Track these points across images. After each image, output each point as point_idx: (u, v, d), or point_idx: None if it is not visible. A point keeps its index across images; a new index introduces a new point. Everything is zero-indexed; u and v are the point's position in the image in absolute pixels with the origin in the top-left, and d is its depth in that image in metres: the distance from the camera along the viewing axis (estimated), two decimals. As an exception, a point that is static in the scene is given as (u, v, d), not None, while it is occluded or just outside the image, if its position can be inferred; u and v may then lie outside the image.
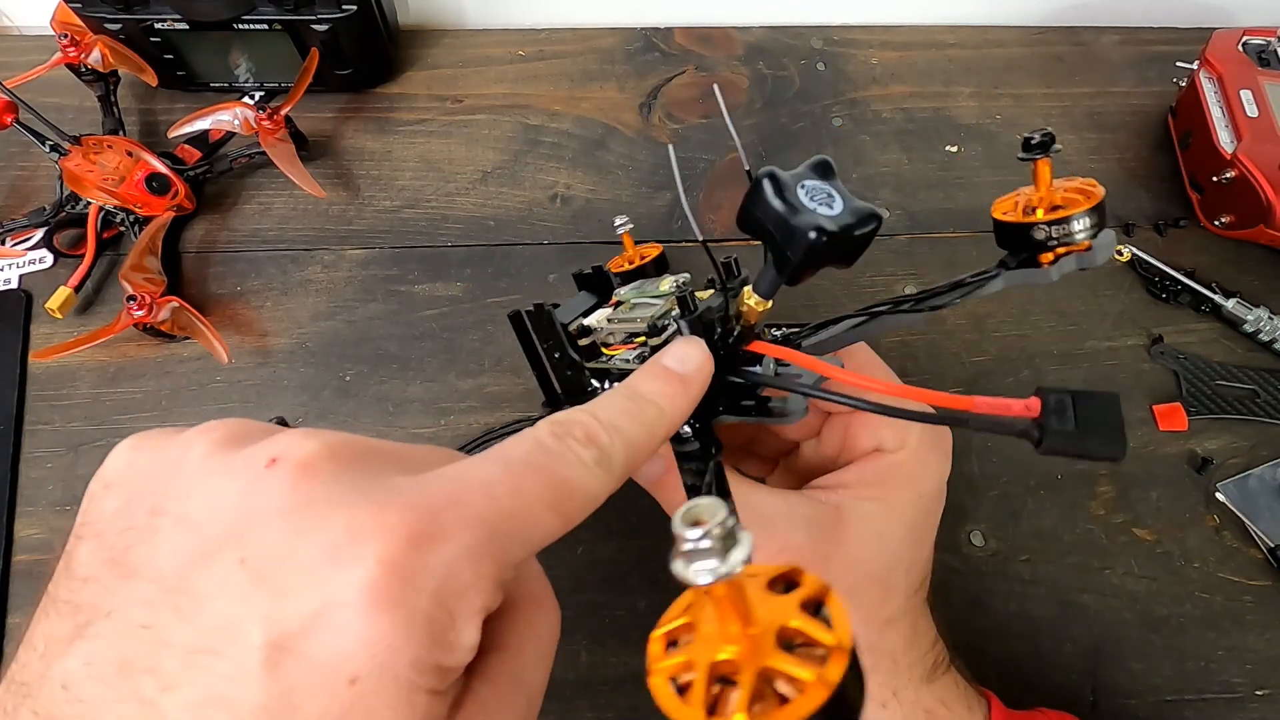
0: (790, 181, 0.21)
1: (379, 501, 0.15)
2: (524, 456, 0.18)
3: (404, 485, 0.16)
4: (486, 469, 0.17)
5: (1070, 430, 0.16)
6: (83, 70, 0.48)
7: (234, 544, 0.15)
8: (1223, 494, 0.42)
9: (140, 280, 0.43)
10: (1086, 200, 0.20)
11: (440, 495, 0.16)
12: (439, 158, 0.53)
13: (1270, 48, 0.51)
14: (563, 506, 0.18)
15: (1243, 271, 0.49)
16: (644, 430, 0.20)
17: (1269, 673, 0.38)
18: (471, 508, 0.16)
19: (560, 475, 0.18)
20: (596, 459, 0.19)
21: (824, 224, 0.20)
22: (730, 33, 0.60)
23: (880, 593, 0.27)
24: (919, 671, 0.28)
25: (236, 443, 0.17)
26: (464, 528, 0.16)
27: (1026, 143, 0.20)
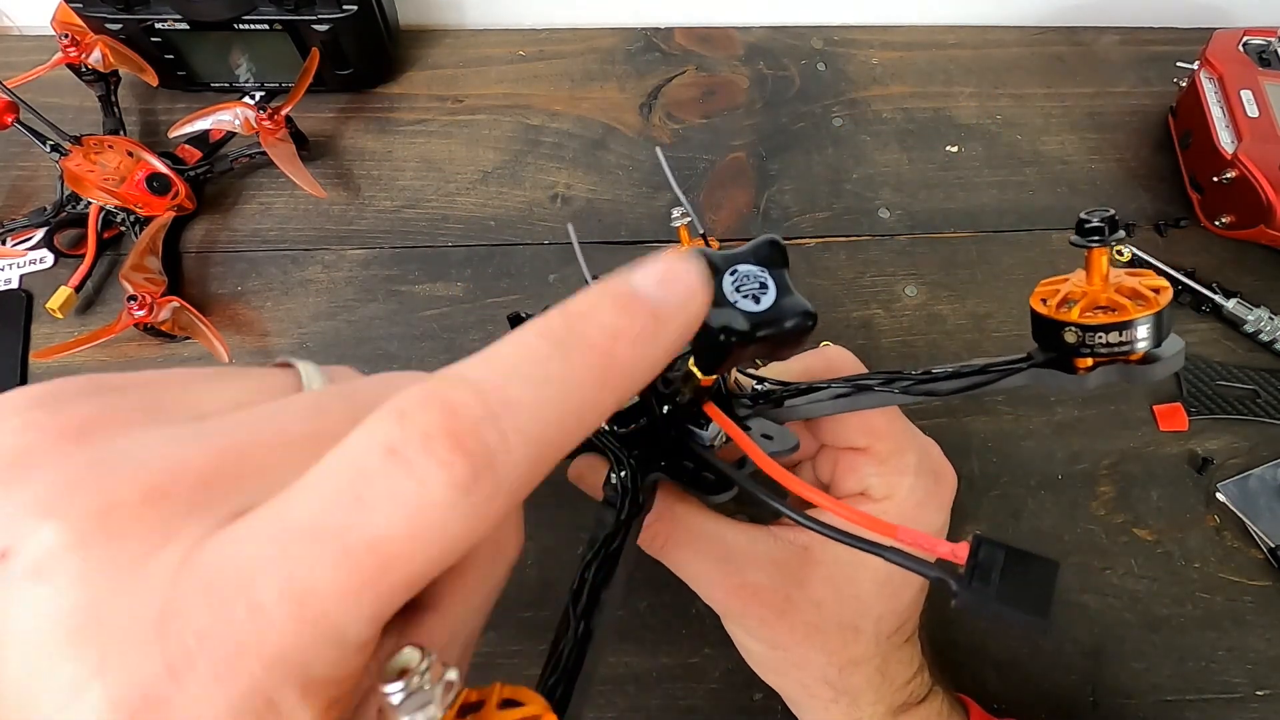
0: (720, 265, 0.19)
1: (108, 642, 0.11)
2: (314, 514, 0.11)
3: (150, 596, 0.11)
4: (255, 549, 0.11)
5: (991, 592, 0.15)
6: (83, 70, 0.48)
7: None
8: (1223, 494, 0.42)
9: (141, 280, 0.43)
10: (1141, 307, 0.17)
11: (186, 621, 0.11)
12: (439, 158, 0.53)
13: (1271, 48, 0.51)
14: (388, 582, 0.11)
15: (1243, 272, 0.49)
16: (568, 406, 0.12)
17: (1269, 673, 0.38)
18: (233, 639, 0.11)
19: (371, 537, 0.11)
20: (459, 483, 0.11)
21: (734, 324, 0.18)
22: (730, 33, 0.60)
23: (845, 635, 0.26)
24: (885, 707, 0.28)
25: (8, 477, 0.12)
26: (225, 679, 0.11)
27: (1081, 225, 0.17)
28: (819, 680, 0.27)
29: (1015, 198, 0.52)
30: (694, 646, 0.38)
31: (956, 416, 0.44)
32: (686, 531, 0.26)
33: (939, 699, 0.30)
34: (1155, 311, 0.17)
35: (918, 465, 0.26)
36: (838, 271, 0.49)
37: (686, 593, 0.27)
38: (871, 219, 0.51)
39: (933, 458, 0.28)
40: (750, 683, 0.30)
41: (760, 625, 0.27)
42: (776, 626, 0.26)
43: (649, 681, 0.37)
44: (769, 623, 0.26)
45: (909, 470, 0.26)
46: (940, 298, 0.48)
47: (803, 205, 0.52)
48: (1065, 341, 0.18)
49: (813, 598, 0.26)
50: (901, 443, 0.27)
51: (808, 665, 0.27)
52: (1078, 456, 0.43)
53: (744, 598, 0.26)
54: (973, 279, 0.49)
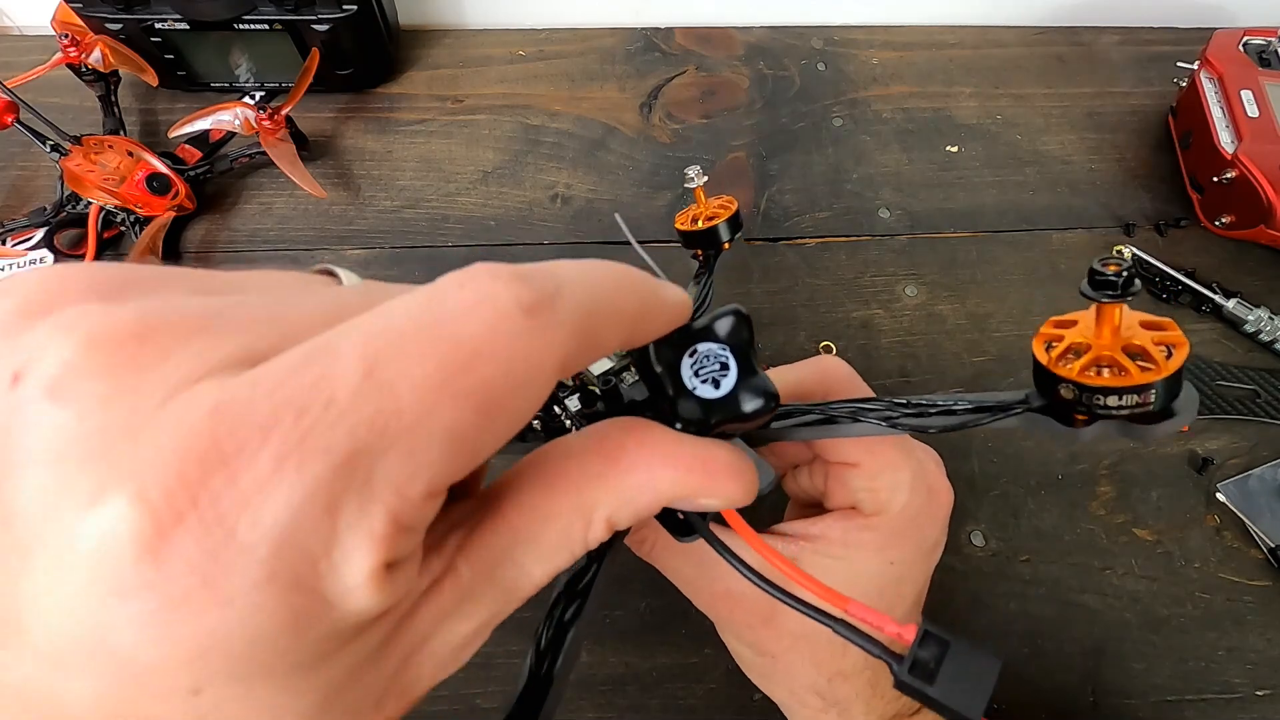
0: (678, 344, 0.18)
1: (138, 443, 0.10)
2: (397, 321, 0.11)
3: (187, 406, 0.10)
4: (323, 348, 0.11)
5: (929, 680, 0.15)
6: (83, 70, 0.48)
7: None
8: (1223, 494, 0.42)
9: (141, 280, 0.42)
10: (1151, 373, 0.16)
11: (239, 412, 0.10)
12: (439, 158, 0.53)
13: (1271, 48, 0.51)
14: (468, 381, 0.11)
15: (1243, 272, 0.49)
16: (609, 289, 0.14)
17: (1269, 673, 0.38)
18: (291, 436, 0.10)
19: (455, 335, 0.11)
20: (527, 306, 0.12)
21: (690, 414, 0.17)
22: (730, 33, 0.60)
23: (834, 647, 0.26)
24: (876, 717, 0.27)
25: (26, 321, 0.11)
26: (289, 458, 0.10)
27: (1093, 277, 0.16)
28: (808, 690, 0.27)
29: (1015, 198, 0.52)
30: (694, 646, 0.38)
31: (956, 416, 0.44)
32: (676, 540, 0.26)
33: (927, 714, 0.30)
34: (1164, 378, 0.16)
35: (912, 482, 0.26)
36: (838, 271, 0.49)
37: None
38: (871, 219, 0.51)
39: (929, 473, 0.27)
40: (750, 683, 0.30)
41: (747, 631, 0.27)
42: (762, 634, 0.26)
43: (649, 681, 0.37)
44: (754, 629, 0.26)
45: (902, 487, 0.25)
46: (940, 298, 0.48)
47: (803, 205, 0.52)
48: (1060, 396, 0.17)
49: None
50: (894, 459, 0.26)
51: (796, 674, 0.27)
52: (1078, 456, 0.43)
53: (728, 604, 0.26)
54: (973, 279, 0.49)
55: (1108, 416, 0.16)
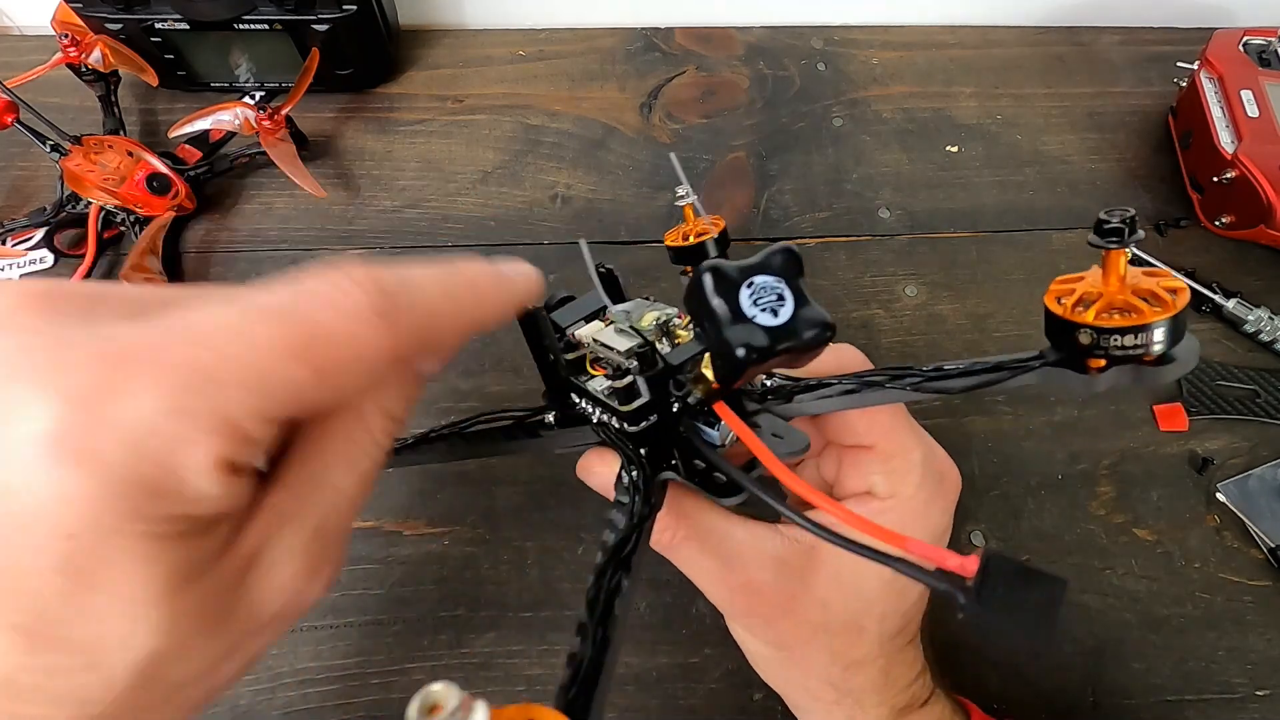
0: (736, 277, 0.19)
1: (63, 351, 0.14)
2: (269, 299, 0.16)
3: (107, 333, 0.15)
4: (214, 313, 0.15)
5: (999, 608, 0.15)
6: (83, 70, 0.48)
7: None
8: (1223, 494, 0.42)
9: (141, 280, 0.43)
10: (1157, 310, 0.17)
11: (141, 343, 0.14)
12: (439, 158, 0.53)
13: (1271, 48, 0.51)
14: (314, 353, 0.15)
15: (1243, 272, 0.49)
16: (444, 294, 0.18)
17: (1269, 673, 0.38)
18: (175, 356, 0.14)
19: (312, 319, 0.16)
20: (373, 305, 0.16)
21: (755, 340, 0.18)
22: (730, 33, 0.60)
23: (850, 636, 0.26)
24: (886, 710, 0.27)
25: None
26: (164, 378, 0.14)
27: (1100, 225, 0.17)
28: (822, 682, 0.27)
29: (1015, 198, 0.52)
30: (694, 646, 0.38)
31: (956, 417, 0.44)
32: (694, 527, 0.26)
33: (941, 703, 0.30)
34: (1172, 315, 0.17)
35: (923, 465, 0.26)
36: (838, 271, 0.49)
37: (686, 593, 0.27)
38: (871, 219, 0.51)
39: (938, 459, 0.27)
40: (750, 683, 0.30)
41: (765, 625, 0.26)
42: (781, 626, 0.26)
43: (649, 681, 0.37)
44: (773, 622, 0.26)
45: (914, 470, 0.26)
46: (940, 298, 0.48)
47: (803, 205, 0.52)
48: (1079, 342, 0.17)
49: (818, 597, 0.26)
50: (907, 442, 0.26)
51: (811, 666, 0.27)
52: (1078, 456, 0.43)
53: (748, 596, 0.26)
54: (973, 279, 0.49)
55: (1123, 359, 0.17)
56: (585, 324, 0.30)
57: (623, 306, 0.30)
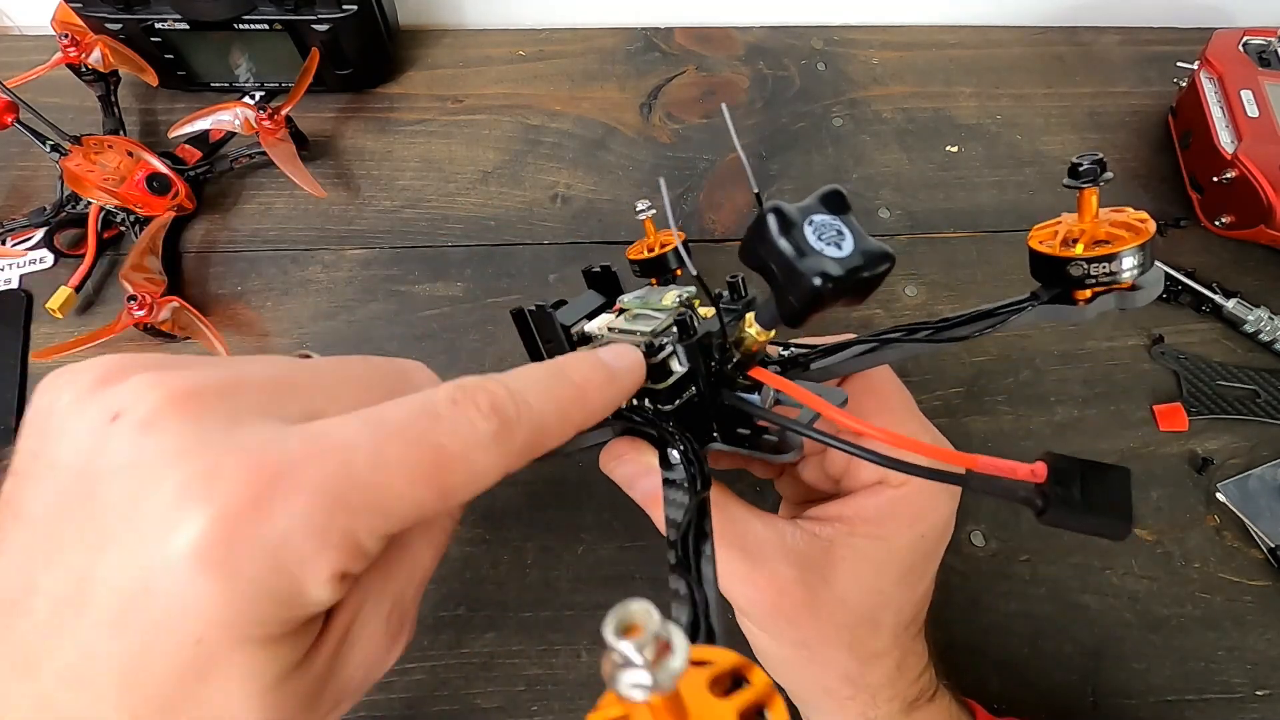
0: (798, 217, 0.20)
1: (211, 462, 0.15)
2: (402, 420, 0.16)
3: (251, 440, 0.15)
4: (350, 430, 0.16)
5: (1076, 504, 0.16)
6: (83, 70, 0.48)
7: (87, 499, 0.15)
8: (1223, 494, 0.42)
9: (141, 280, 0.43)
10: (1133, 236, 0.19)
11: (285, 456, 0.15)
12: (439, 158, 0.53)
13: (1271, 48, 0.51)
14: (438, 480, 0.16)
15: (1243, 272, 0.49)
16: (557, 412, 0.19)
17: (1269, 673, 0.38)
18: (316, 476, 0.15)
19: (440, 446, 0.16)
20: (494, 432, 0.17)
21: (830, 269, 0.19)
22: (730, 33, 0.60)
23: (867, 630, 0.26)
24: (898, 704, 0.28)
25: (102, 385, 0.16)
26: (301, 498, 0.15)
27: (1074, 169, 0.19)
28: (840, 678, 0.27)
29: (1015, 198, 0.52)
30: (694, 646, 0.38)
31: (956, 416, 0.44)
32: (720, 520, 0.26)
33: (947, 699, 0.30)
34: (1147, 239, 0.19)
35: None
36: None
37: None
38: (871, 219, 0.51)
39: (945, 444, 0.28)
40: (750, 683, 0.30)
41: (789, 626, 0.26)
42: (805, 626, 0.26)
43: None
44: (796, 621, 0.26)
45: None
46: (940, 298, 0.48)
47: (803, 205, 0.52)
48: (1070, 276, 0.19)
49: (838, 593, 0.26)
50: (915, 427, 0.27)
51: (831, 664, 0.27)
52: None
53: (772, 594, 0.25)
54: (973, 279, 0.49)
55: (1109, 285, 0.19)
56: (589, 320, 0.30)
57: (635, 294, 0.30)
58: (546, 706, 0.37)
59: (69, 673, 0.15)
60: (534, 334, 0.30)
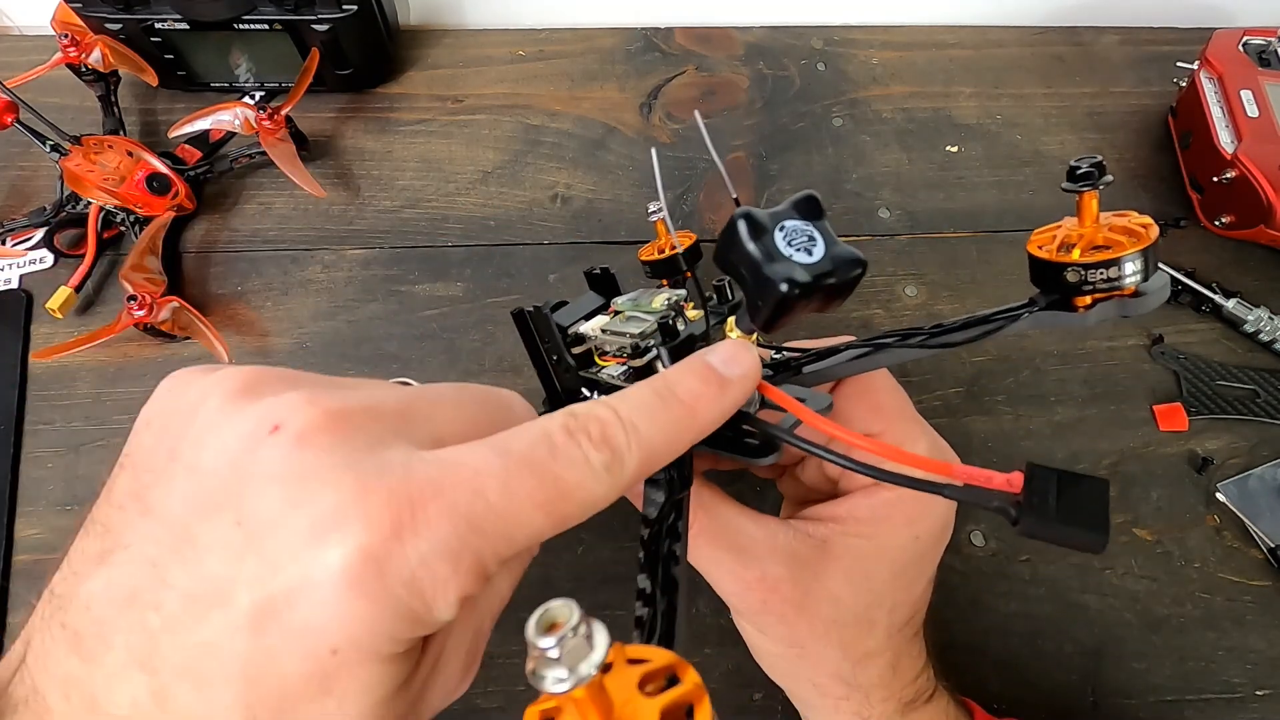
0: (768, 222, 0.20)
1: (364, 484, 0.16)
2: (525, 450, 0.17)
3: (394, 465, 0.16)
4: (481, 458, 0.17)
5: (1050, 515, 0.16)
6: (83, 70, 0.48)
7: (233, 504, 0.16)
8: (1223, 494, 0.42)
9: (141, 280, 0.43)
10: (1134, 242, 0.18)
11: (426, 484, 0.16)
12: (439, 158, 0.53)
13: (1270, 48, 0.51)
14: (556, 509, 0.17)
15: (1243, 272, 0.49)
16: (667, 435, 0.19)
17: (1269, 673, 0.38)
18: (455, 502, 0.16)
19: (559, 476, 0.17)
20: (606, 463, 0.18)
21: (797, 275, 0.19)
22: (730, 33, 0.60)
23: (860, 629, 0.26)
24: (894, 705, 0.28)
25: (250, 395, 0.17)
26: (443, 523, 0.16)
27: (1072, 172, 0.18)
28: (832, 677, 0.27)
29: (1015, 198, 0.52)
30: (694, 646, 0.38)
31: (956, 416, 0.44)
32: (712, 520, 0.26)
33: (945, 700, 0.30)
34: (1150, 244, 0.18)
35: (929, 452, 0.27)
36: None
37: (686, 593, 0.27)
38: (871, 219, 0.51)
39: (943, 447, 0.28)
40: (750, 682, 0.30)
41: (779, 622, 0.26)
42: (795, 622, 0.26)
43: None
44: (787, 619, 0.26)
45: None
46: (940, 298, 0.48)
47: (803, 205, 0.52)
48: (1067, 281, 0.19)
49: (831, 592, 0.26)
50: (914, 430, 0.27)
51: (823, 662, 0.27)
52: (1078, 456, 0.43)
53: (762, 592, 0.26)
54: (973, 279, 0.49)
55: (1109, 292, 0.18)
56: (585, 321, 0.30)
57: (628, 296, 0.30)
58: (546, 706, 0.37)
59: (191, 666, 0.15)
60: (534, 336, 0.30)
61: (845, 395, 0.27)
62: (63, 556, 0.18)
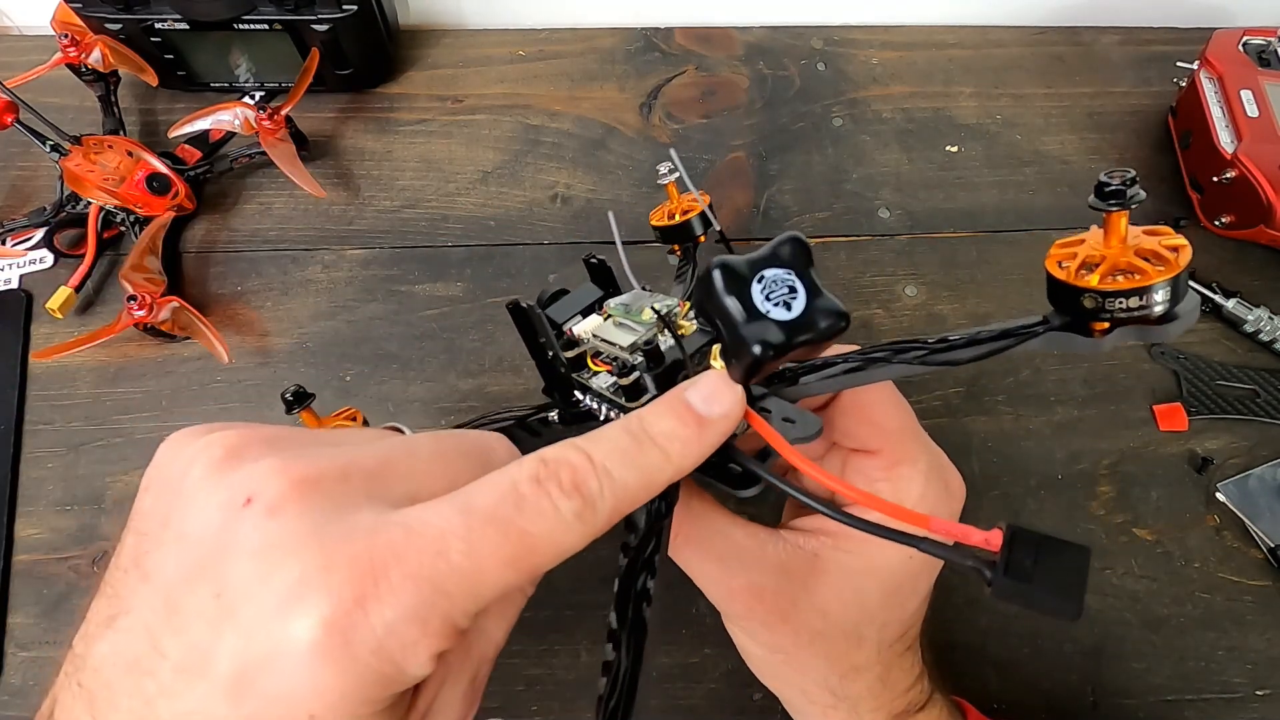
0: (746, 272, 0.19)
1: (328, 554, 0.16)
2: (490, 507, 0.17)
3: (358, 532, 0.17)
4: (444, 518, 0.17)
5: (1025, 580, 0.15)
6: (83, 70, 0.48)
7: (214, 575, 0.16)
8: (1223, 494, 0.42)
9: (141, 280, 0.43)
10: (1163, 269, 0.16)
11: (389, 549, 0.16)
12: (439, 158, 0.53)
13: (1270, 48, 0.51)
14: (524, 562, 0.17)
15: (1243, 272, 0.49)
16: (641, 479, 0.19)
17: (1269, 673, 0.38)
18: (419, 566, 0.16)
19: (525, 531, 0.17)
20: (577, 511, 0.18)
21: (770, 338, 0.18)
22: (730, 33, 0.60)
23: (848, 643, 0.26)
24: (883, 716, 0.27)
25: (231, 462, 0.18)
26: (407, 588, 0.16)
27: (1101, 189, 0.17)
28: (819, 686, 0.27)
29: (1015, 198, 0.52)
30: (694, 646, 0.38)
31: (957, 417, 0.44)
32: (697, 529, 0.26)
33: (939, 706, 0.29)
34: (1175, 275, 0.16)
35: (928, 472, 0.26)
36: (838, 271, 0.49)
37: (686, 593, 0.27)
38: (871, 219, 0.51)
39: (944, 468, 0.27)
40: (750, 683, 0.30)
41: (763, 628, 0.26)
42: (779, 630, 0.26)
43: (649, 681, 0.37)
44: (772, 626, 0.26)
45: (919, 477, 0.26)
46: (940, 298, 0.48)
47: (803, 205, 0.52)
48: (1083, 306, 0.17)
49: (818, 605, 0.25)
50: (914, 449, 0.26)
51: (809, 670, 0.27)
52: (1078, 456, 0.43)
53: (747, 599, 0.25)
54: (973, 279, 0.49)
55: (1127, 320, 0.17)
56: (582, 318, 0.29)
57: (620, 299, 0.29)
58: (546, 706, 0.37)
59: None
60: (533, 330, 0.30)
61: (842, 409, 0.26)
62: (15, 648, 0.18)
